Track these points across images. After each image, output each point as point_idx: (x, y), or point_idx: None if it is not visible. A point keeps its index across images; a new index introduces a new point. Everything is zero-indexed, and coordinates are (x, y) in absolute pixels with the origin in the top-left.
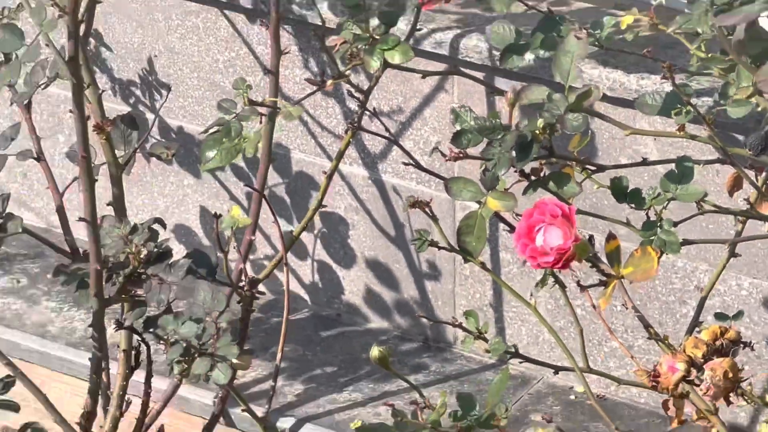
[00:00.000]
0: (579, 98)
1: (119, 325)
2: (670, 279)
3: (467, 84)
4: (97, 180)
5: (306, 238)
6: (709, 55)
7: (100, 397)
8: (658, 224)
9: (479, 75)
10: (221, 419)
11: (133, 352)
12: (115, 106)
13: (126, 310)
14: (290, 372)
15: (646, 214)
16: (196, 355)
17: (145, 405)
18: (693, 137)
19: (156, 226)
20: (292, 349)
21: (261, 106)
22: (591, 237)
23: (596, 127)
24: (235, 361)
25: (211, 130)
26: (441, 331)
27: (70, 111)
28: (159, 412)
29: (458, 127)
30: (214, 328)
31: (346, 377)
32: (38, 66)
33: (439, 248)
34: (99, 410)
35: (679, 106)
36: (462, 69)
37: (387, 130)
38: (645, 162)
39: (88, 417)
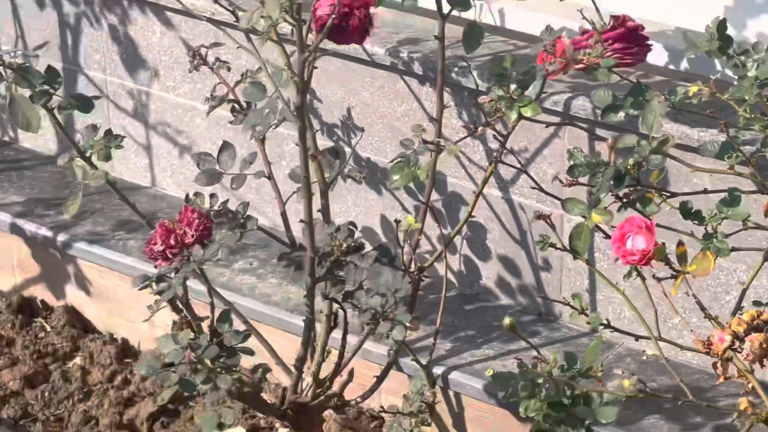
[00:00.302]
0: (659, 144)
1: (325, 297)
2: (717, 275)
3: (575, 132)
4: (313, 194)
5: (456, 239)
6: (753, 116)
7: (309, 347)
8: (714, 236)
9: (585, 126)
10: (394, 366)
11: (332, 317)
12: (323, 142)
13: (330, 287)
14: (443, 334)
15: (705, 228)
16: (380, 320)
17: (340, 354)
18: (740, 174)
19: (351, 228)
20: (444, 318)
21: (430, 144)
22: (664, 244)
23: (669, 165)
24: (407, 324)
25: (396, 160)
26: (550, 308)
27: (295, 144)
28: (350, 359)
29: (572, 162)
30: (393, 301)
31: (482, 339)
32: (271, 112)
33: (556, 248)
34: (308, 358)
35: (730, 151)
36: (572, 121)
37: (519, 163)
38: (705, 191)
39: (301, 361)
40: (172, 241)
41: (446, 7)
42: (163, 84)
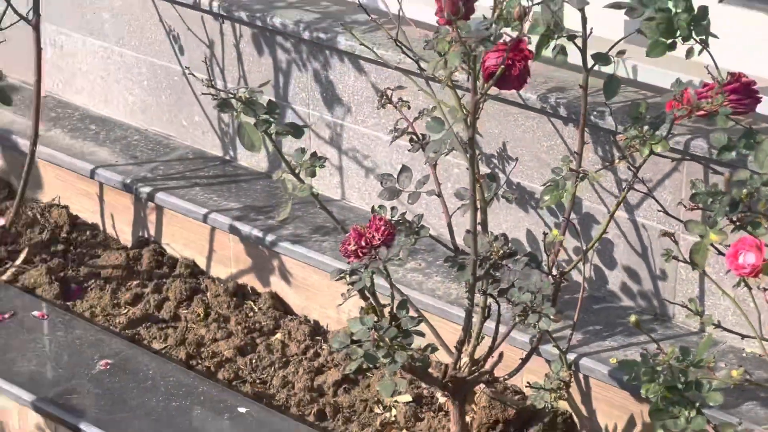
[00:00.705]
0: None
1: (483, 293)
2: None
3: (694, 165)
4: (478, 209)
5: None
6: None
7: (467, 333)
8: None
9: (702, 162)
10: (536, 352)
11: (487, 309)
12: (483, 168)
13: (487, 284)
14: (575, 327)
15: None
16: (529, 312)
17: (493, 339)
18: None
19: (504, 237)
20: (577, 315)
21: (575, 172)
22: None
23: None
24: (552, 316)
25: (547, 184)
26: (665, 310)
27: (464, 168)
28: (500, 344)
29: (693, 191)
30: (540, 298)
31: (607, 333)
32: (444, 143)
33: (678, 261)
34: (466, 342)
35: None
36: (693, 158)
37: (647, 189)
38: None
39: (460, 344)
40: (363, 243)
41: (590, 62)
42: (354, 118)
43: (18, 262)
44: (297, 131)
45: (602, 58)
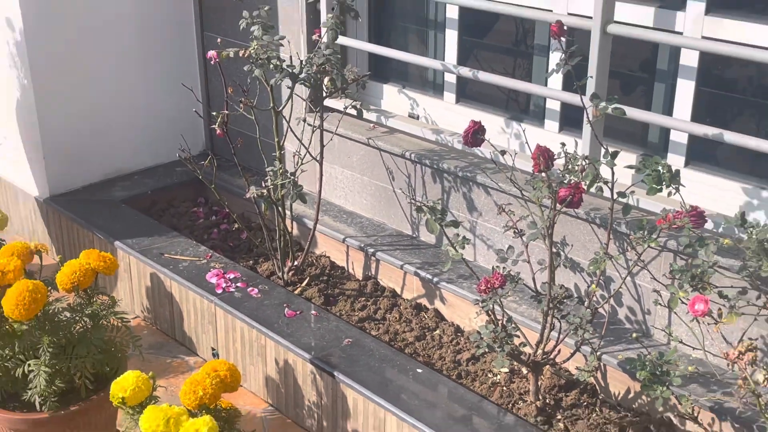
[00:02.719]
0: None
1: (552, 316)
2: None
3: (669, 255)
4: (552, 270)
5: None
6: None
7: (543, 337)
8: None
9: (674, 252)
10: (578, 350)
11: (552, 325)
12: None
13: (554, 312)
14: (601, 338)
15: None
16: (578, 328)
17: (556, 342)
18: None
19: None
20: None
21: (606, 255)
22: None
23: None
24: (588, 332)
25: (591, 260)
26: (650, 332)
27: (545, 248)
28: (559, 344)
29: (671, 269)
30: (583, 321)
31: (617, 342)
32: (534, 236)
33: (660, 305)
34: (542, 342)
35: None
36: (668, 250)
37: (644, 265)
38: None
39: (538, 344)
40: (488, 285)
41: (615, 196)
42: (483, 218)
43: (303, 284)
44: (455, 224)
45: (621, 195)
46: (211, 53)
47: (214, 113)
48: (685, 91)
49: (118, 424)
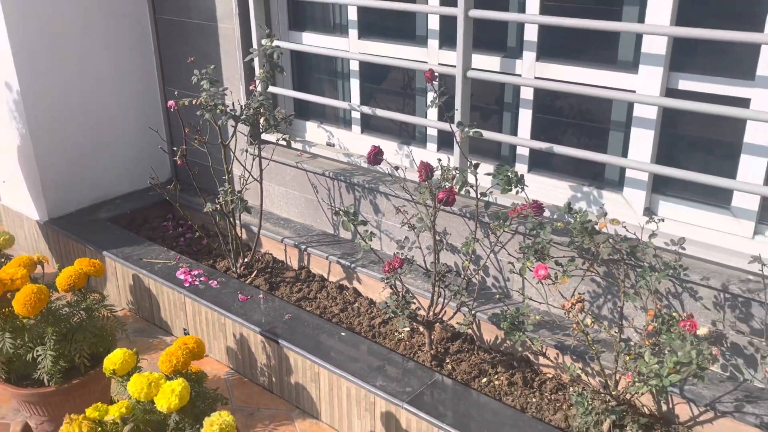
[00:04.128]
0: None
1: (438, 286)
2: (571, 283)
3: (520, 237)
4: (437, 253)
5: None
6: None
7: (432, 302)
8: (566, 271)
9: (523, 235)
10: (459, 310)
11: (438, 293)
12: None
13: (440, 283)
14: (475, 300)
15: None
16: (457, 294)
17: (442, 305)
18: None
19: None
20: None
21: (474, 239)
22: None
23: None
24: (465, 296)
25: (464, 243)
26: (509, 293)
27: (431, 237)
28: (444, 307)
29: (521, 246)
30: (461, 288)
31: (487, 303)
32: (421, 228)
33: (515, 273)
34: (432, 306)
35: None
36: (520, 233)
37: (502, 245)
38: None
39: (429, 307)
40: (391, 267)
41: (480, 195)
42: (386, 218)
43: (252, 276)
44: (364, 223)
45: (483, 195)
46: (171, 102)
47: (176, 148)
48: (526, 117)
49: (111, 392)
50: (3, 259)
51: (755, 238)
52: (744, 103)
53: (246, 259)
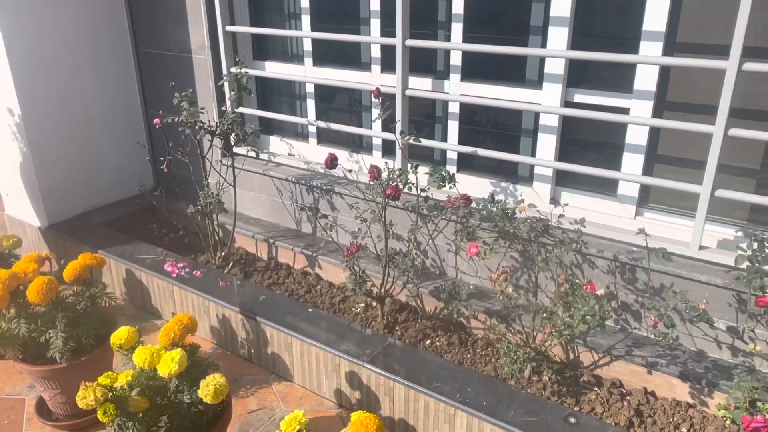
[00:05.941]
0: None
1: (388, 267)
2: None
3: (454, 225)
4: (386, 240)
5: None
6: None
7: (384, 280)
8: (493, 247)
9: (456, 222)
10: (406, 287)
11: (388, 273)
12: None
13: (389, 265)
14: (419, 278)
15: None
16: (404, 274)
17: (392, 283)
18: None
19: None
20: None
21: (416, 226)
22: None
23: None
24: (411, 275)
25: (408, 231)
26: (446, 270)
27: (381, 227)
28: (393, 284)
29: (455, 231)
30: (408, 267)
31: (427, 279)
32: (373, 220)
33: (453, 252)
34: (384, 284)
35: None
36: (454, 220)
37: (440, 231)
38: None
39: (381, 285)
40: (349, 252)
41: (421, 192)
42: (342, 213)
43: (229, 266)
44: (324, 217)
45: (423, 191)
46: (156, 120)
47: (162, 158)
48: (454, 127)
49: (114, 368)
50: (13, 259)
51: (636, 218)
52: (625, 111)
53: (223, 253)
